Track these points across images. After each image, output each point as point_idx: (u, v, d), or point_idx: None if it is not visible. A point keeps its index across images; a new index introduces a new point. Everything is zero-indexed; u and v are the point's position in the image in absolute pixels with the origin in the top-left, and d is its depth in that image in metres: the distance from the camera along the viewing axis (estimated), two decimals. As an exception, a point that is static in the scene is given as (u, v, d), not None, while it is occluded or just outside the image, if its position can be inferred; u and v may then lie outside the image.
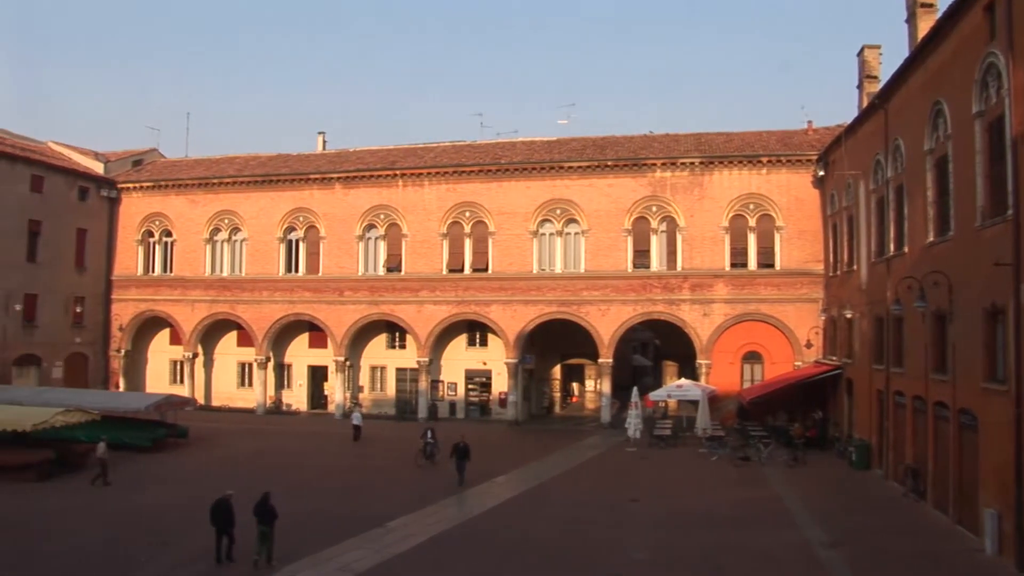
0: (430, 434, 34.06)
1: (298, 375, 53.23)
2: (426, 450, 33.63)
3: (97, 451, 29.79)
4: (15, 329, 47.97)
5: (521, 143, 51.29)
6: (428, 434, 34.12)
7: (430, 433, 34.14)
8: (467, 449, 29.97)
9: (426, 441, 33.88)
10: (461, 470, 29.62)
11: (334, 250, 49.88)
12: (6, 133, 53.56)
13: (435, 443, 33.66)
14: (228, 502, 19.84)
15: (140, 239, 54.26)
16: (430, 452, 33.50)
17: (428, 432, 34.22)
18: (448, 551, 21.54)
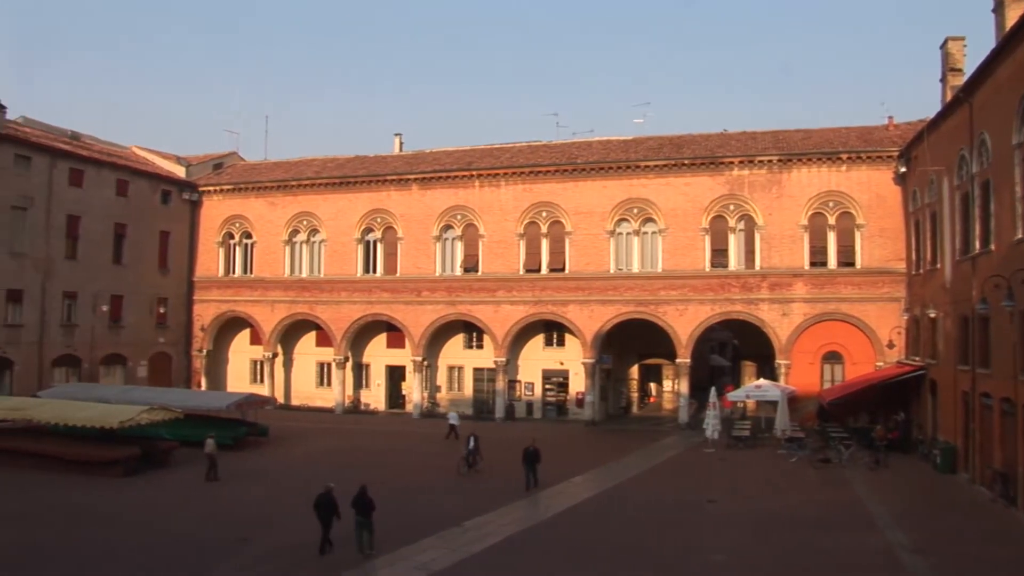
0: (472, 442, 33.26)
1: (376, 375, 55.81)
2: (468, 458, 33.01)
3: (206, 447, 31.84)
4: (102, 329, 51.36)
5: (597, 142, 53.00)
6: (470, 441, 33.35)
7: (472, 441, 33.30)
8: (537, 453, 30.10)
9: (468, 449, 33.21)
10: (531, 474, 29.85)
11: (411, 251, 52.18)
12: (92, 139, 57.26)
13: (477, 451, 33.06)
14: (331, 495, 21.48)
15: (221, 241, 57.32)
16: (472, 460, 32.95)
17: (470, 439, 33.43)
18: (523, 552, 22.25)
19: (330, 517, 21.32)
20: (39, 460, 32.76)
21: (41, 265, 47.15)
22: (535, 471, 29.95)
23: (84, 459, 32.13)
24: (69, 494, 28.44)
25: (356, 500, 21.31)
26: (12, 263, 45.52)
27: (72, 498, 27.90)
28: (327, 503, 21.36)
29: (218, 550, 21.58)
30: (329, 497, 21.45)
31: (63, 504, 26.97)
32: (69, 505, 26.88)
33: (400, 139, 60.44)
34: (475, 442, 33.22)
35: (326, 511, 21.32)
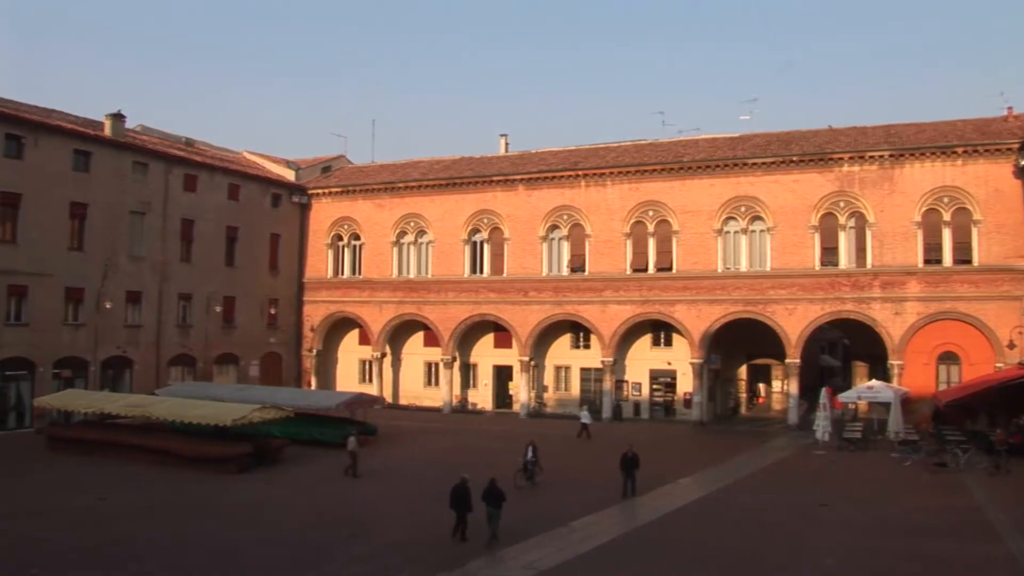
0: (531, 451, 32.15)
1: (483, 375, 59.18)
2: (526, 469, 31.90)
3: (348, 445, 34.20)
4: (216, 329, 56.12)
5: (703, 140, 55.23)
6: (529, 451, 32.19)
7: (531, 450, 32.17)
8: (636, 459, 29.84)
9: (526, 460, 32.03)
10: (630, 482, 29.73)
11: (518, 251, 55.30)
12: (205, 145, 62.16)
13: (536, 461, 32.02)
14: (466, 486, 23.48)
15: (330, 243, 61.54)
16: (531, 472, 31.86)
17: (529, 449, 32.23)
18: (630, 553, 22.84)
19: (464, 506, 23.47)
20: (158, 455, 35.54)
21: (158, 268, 52.02)
22: (633, 478, 29.81)
23: (199, 455, 34.59)
24: (186, 489, 30.80)
25: (486, 492, 23.44)
26: (131, 266, 50.38)
27: (189, 492, 30.19)
28: (463, 494, 23.50)
29: (329, 545, 23.05)
30: (464, 488, 23.60)
31: (181, 498, 29.26)
32: (187, 499, 29.12)
33: (506, 140, 63.70)
34: (534, 451, 32.21)
35: (461, 501, 23.48)
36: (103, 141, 49.25)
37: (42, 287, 45.02)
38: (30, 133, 44.63)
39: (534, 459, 31.94)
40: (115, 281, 49.07)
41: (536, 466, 31.93)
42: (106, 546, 22.47)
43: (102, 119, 51.02)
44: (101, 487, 30.57)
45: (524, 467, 31.72)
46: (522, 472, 31.53)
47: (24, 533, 23.64)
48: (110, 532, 24.08)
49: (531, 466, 31.79)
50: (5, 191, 43.30)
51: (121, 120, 51.02)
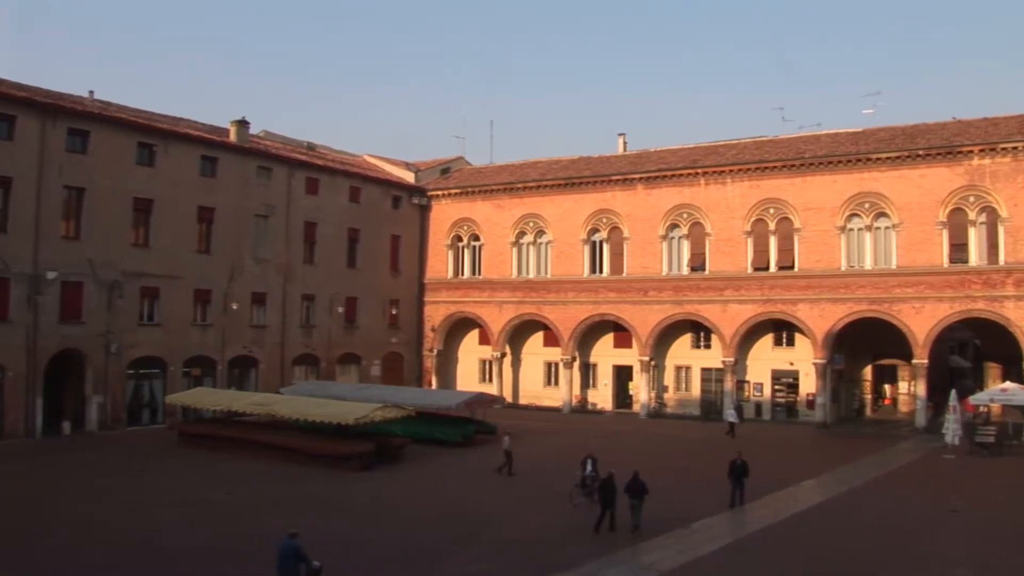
0: (590, 465, 30.25)
1: (603, 374, 62.10)
2: (584, 485, 29.77)
3: (503, 443, 36.14)
4: (338, 330, 60.49)
5: (825, 136, 56.76)
6: (588, 465, 30.28)
7: (590, 464, 30.29)
8: (745, 466, 29.40)
9: (585, 474, 30.04)
10: (738, 491, 29.31)
11: (637, 250, 57.98)
12: (327, 148, 66.80)
13: (596, 475, 29.40)
14: (613, 480, 25.69)
15: (450, 243, 65.52)
16: (590, 488, 29.27)
17: (588, 461, 30.39)
18: (752, 555, 23.46)
19: (611, 499, 25.57)
20: (283, 452, 37.70)
21: (282, 269, 56.56)
22: (742, 487, 29.38)
23: (323, 453, 36.62)
24: (310, 485, 32.62)
25: (630, 485, 25.67)
26: (256, 268, 54.98)
27: (313, 489, 31.89)
28: (610, 487, 25.68)
29: (451, 542, 24.19)
30: (612, 482, 25.78)
31: (305, 494, 30.92)
32: (310, 495, 30.74)
33: (624, 139, 66.30)
34: (593, 465, 30.22)
35: (607, 495, 25.67)
36: (229, 147, 54.01)
37: (172, 289, 49.76)
38: (161, 141, 49.43)
39: (594, 473, 29.71)
40: (241, 283, 53.71)
41: (596, 481, 28.84)
42: (235, 539, 24.46)
43: (227, 126, 55.99)
44: (229, 482, 33.00)
45: (582, 482, 29.84)
46: (579, 488, 29.75)
47: (163, 524, 26.09)
48: (237, 526, 26.19)
49: (590, 481, 29.50)
50: (138, 197, 48.07)
51: (245, 126, 55.90)
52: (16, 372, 42.64)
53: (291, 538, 17.96)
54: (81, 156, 45.19)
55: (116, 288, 46.66)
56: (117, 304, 46.75)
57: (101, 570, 21.50)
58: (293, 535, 18.01)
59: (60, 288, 44.26)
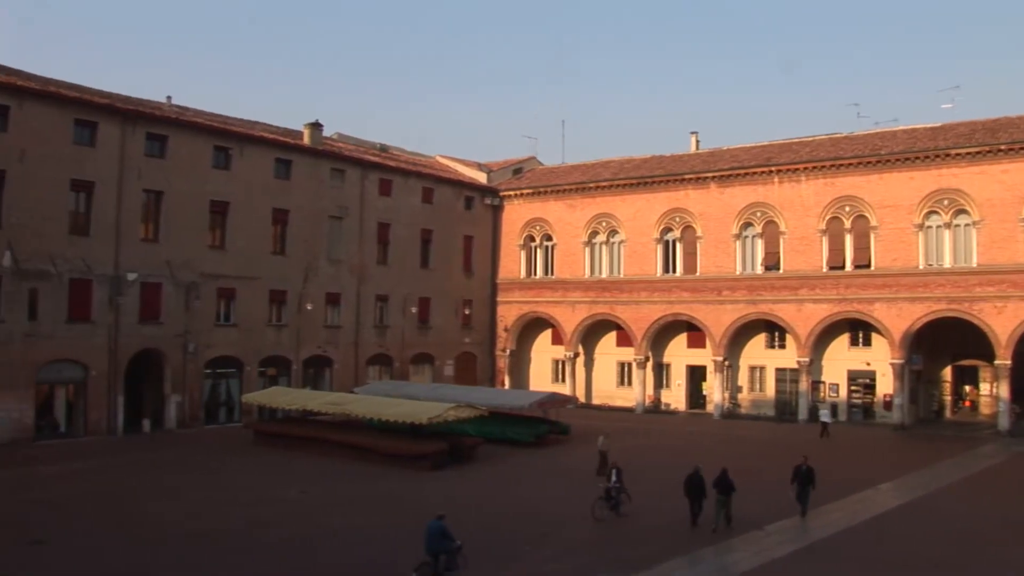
0: (615, 475, 28.20)
1: (676, 375, 61.96)
2: (609, 497, 27.88)
3: (598, 443, 35.74)
4: (411, 330, 61.36)
5: (902, 131, 55.81)
6: (613, 475, 28.26)
7: (615, 474, 28.25)
8: (811, 473, 27.86)
9: (610, 485, 28.09)
10: (803, 499, 27.84)
11: (711, 249, 57.79)
12: (399, 150, 67.81)
13: (622, 487, 28.04)
14: (700, 475, 26.21)
15: (522, 244, 65.92)
16: (616, 500, 27.87)
17: (613, 472, 28.40)
18: (828, 559, 23.25)
19: (699, 495, 26.21)
20: (356, 451, 38.22)
21: (356, 270, 57.56)
22: (807, 495, 27.88)
23: (396, 452, 36.98)
24: (383, 484, 33.15)
25: (717, 481, 26.01)
26: (331, 268, 56.01)
27: (386, 488, 32.43)
28: (697, 482, 26.29)
29: (524, 542, 24.48)
30: (699, 477, 26.33)
31: (378, 493, 31.56)
32: (383, 494, 31.33)
33: (696, 137, 66.03)
34: (618, 475, 28.20)
35: (696, 489, 26.23)
36: (302, 149, 55.13)
37: (248, 290, 51.00)
38: (236, 144, 50.72)
39: (619, 484, 27.89)
40: (315, 283, 54.79)
41: (622, 493, 27.90)
42: (309, 537, 24.83)
43: (301, 128, 57.15)
44: (304, 480, 33.64)
45: (607, 494, 27.83)
46: (603, 500, 27.76)
47: (239, 521, 26.73)
48: (311, 523, 26.61)
49: (616, 493, 27.82)
50: (214, 200, 49.36)
51: (319, 129, 56.97)
52: (99, 371, 44.15)
53: (438, 520, 20.44)
54: (159, 160, 46.58)
55: (193, 289, 47.97)
56: (194, 305, 48.05)
57: (177, 566, 22.15)
58: (440, 517, 20.51)
59: (140, 289, 45.71)
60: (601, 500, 27.57)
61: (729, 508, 26.05)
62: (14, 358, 40.80)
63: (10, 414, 40.77)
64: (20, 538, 24.02)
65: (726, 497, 25.91)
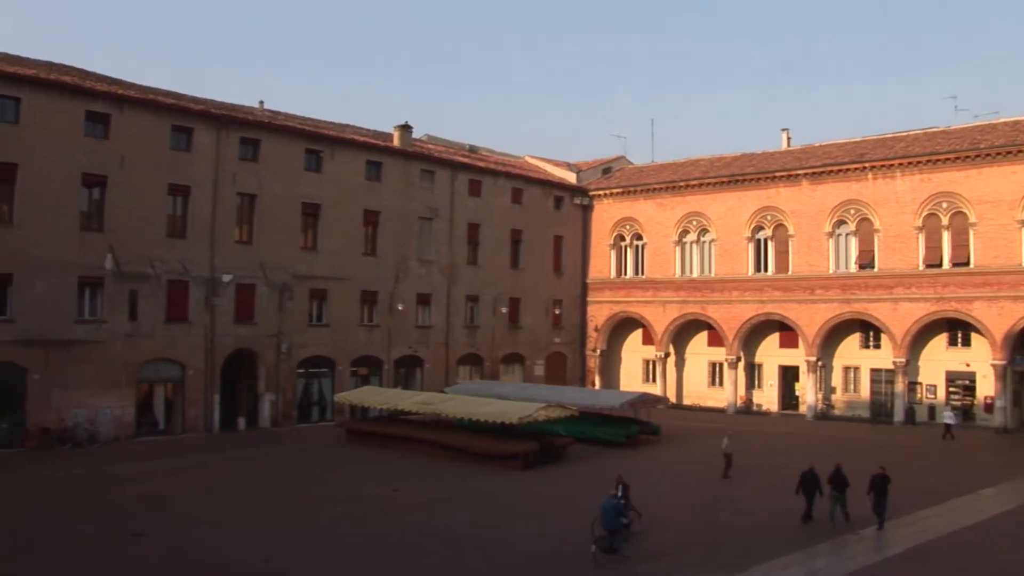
0: (621, 491, 25.11)
1: (768, 375, 61.11)
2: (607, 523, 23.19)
3: (722, 445, 35.19)
4: (502, 330, 61.72)
5: (1003, 124, 54.05)
6: (618, 491, 25.07)
7: (621, 490, 25.23)
8: (886, 481, 26.32)
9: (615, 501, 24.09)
10: (880, 510, 26.16)
11: (803, 248, 56.90)
12: (488, 151, 68.32)
13: (628, 504, 24.74)
14: (815, 472, 26.65)
15: (612, 243, 65.81)
16: None
17: (618, 488, 25.30)
18: (925, 567, 22.63)
19: (813, 491, 26.54)
20: (447, 451, 38.73)
21: (446, 271, 58.14)
22: (884, 505, 26.25)
23: (486, 452, 37.21)
24: (473, 483, 33.46)
25: (832, 476, 26.53)
26: (421, 269, 56.67)
27: (476, 487, 32.81)
28: (812, 478, 26.68)
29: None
30: (814, 473, 26.70)
31: (468, 492, 31.90)
32: (473, 493, 31.71)
33: (787, 134, 64.98)
34: (624, 492, 25.24)
35: (809, 486, 26.61)
36: (393, 151, 55.89)
37: (340, 290, 51.88)
38: (327, 147, 51.71)
39: (623, 500, 24.65)
40: (406, 284, 55.52)
41: (631, 510, 24.62)
42: (400, 534, 25.26)
43: (391, 131, 57.92)
44: (394, 479, 33.98)
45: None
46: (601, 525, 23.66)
47: (331, 518, 27.21)
48: (402, 521, 27.02)
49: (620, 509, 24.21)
50: (306, 202, 50.35)
51: (409, 131, 57.64)
52: (195, 370, 45.50)
53: (612, 498, 22.96)
54: (253, 164, 47.77)
55: (286, 290, 49.05)
56: (287, 305, 49.12)
57: (270, 560, 22.69)
58: (613, 495, 23.15)
59: (234, 290, 46.93)
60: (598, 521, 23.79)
61: (844, 504, 26.34)
62: (115, 357, 42.40)
63: (112, 411, 42.35)
64: (121, 530, 25.07)
65: (840, 493, 26.17)
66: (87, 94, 42.06)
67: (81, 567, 21.67)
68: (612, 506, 22.35)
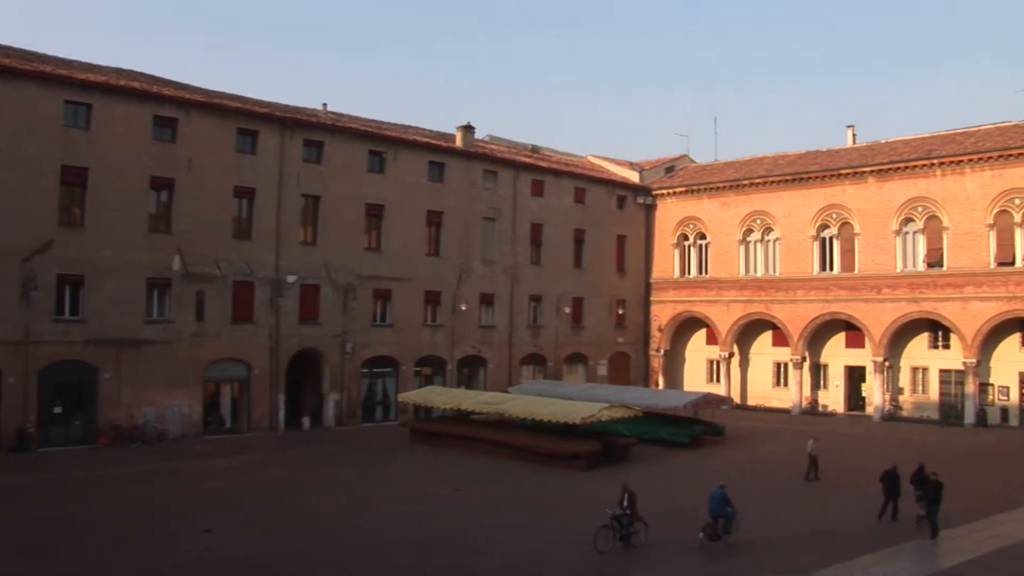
0: (627, 500, 23.74)
1: (834, 375, 60.19)
2: (620, 524, 23.34)
3: (808, 447, 34.54)
4: (565, 330, 61.66)
5: (1080, 118, 52.47)
6: (624, 500, 23.72)
7: (627, 498, 23.76)
8: (939, 488, 25.38)
9: (620, 512, 23.46)
10: (933, 517, 25.10)
11: (869, 246, 56.02)
12: (550, 151, 68.36)
13: (634, 515, 23.65)
14: (896, 472, 26.73)
15: (675, 242, 65.50)
16: (627, 529, 23.42)
17: (624, 498, 23.81)
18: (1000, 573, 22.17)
19: (893, 490, 26.63)
20: (510, 450, 38.72)
21: (509, 271, 58.24)
22: (936, 513, 25.19)
23: (549, 452, 37.19)
24: (536, 483, 33.43)
25: (915, 477, 26.50)
26: (484, 269, 56.86)
27: (539, 487, 32.75)
28: (894, 478, 26.77)
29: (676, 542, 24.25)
30: (895, 473, 26.79)
31: (530, 492, 31.83)
32: (536, 493, 31.64)
33: (853, 131, 64.02)
34: (631, 500, 23.68)
35: (893, 485, 26.71)
36: (455, 152, 56.20)
37: (404, 291, 52.28)
38: (390, 148, 52.11)
39: (629, 510, 23.52)
40: (469, 284, 55.77)
41: (638, 520, 23.64)
42: (464, 533, 25.40)
43: (453, 131, 58.15)
44: (458, 478, 34.23)
45: (616, 521, 23.30)
46: (610, 529, 23.22)
47: (394, 517, 27.35)
48: (465, 520, 27.15)
49: (625, 520, 23.36)
50: (370, 203, 50.80)
51: (471, 131, 57.87)
52: (261, 370, 46.20)
53: (720, 488, 23.83)
54: (316, 166, 48.34)
55: (350, 290, 49.54)
56: (351, 306, 49.61)
57: (335, 556, 23.04)
58: (721, 486, 23.93)
59: (299, 291, 47.54)
60: (606, 529, 23.10)
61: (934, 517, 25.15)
62: (183, 357, 43.26)
63: (180, 410, 43.26)
64: (191, 526, 25.64)
65: (932, 504, 25.39)
66: (155, 99, 42.99)
67: (153, 562, 22.07)
68: (719, 496, 23.54)
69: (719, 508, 23.52)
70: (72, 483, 32.48)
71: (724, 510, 23.56)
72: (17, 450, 37.52)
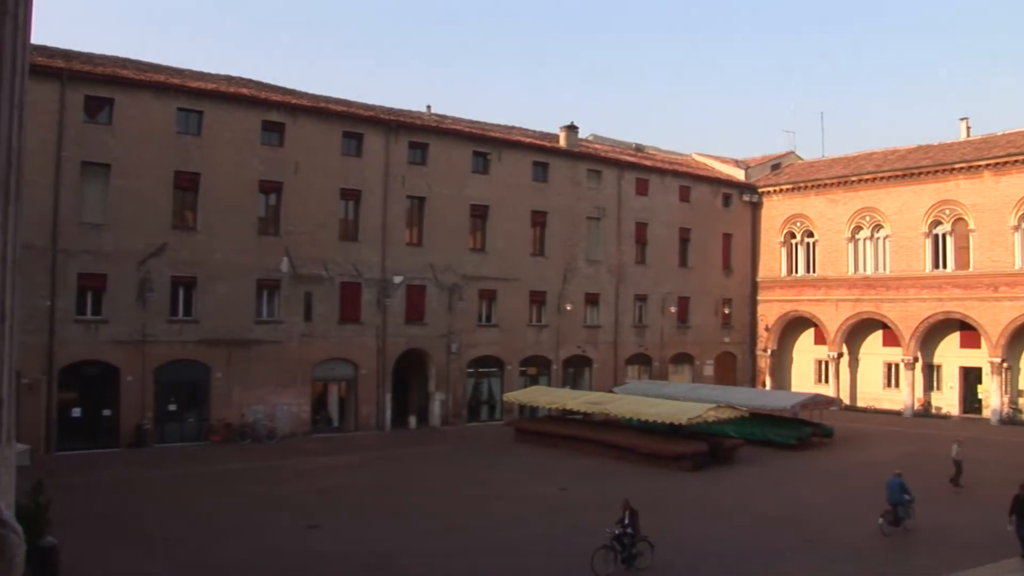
0: (627, 517, 21.79)
1: (948, 377, 58.26)
2: (622, 544, 21.46)
3: (952, 452, 32.94)
4: (670, 329, 61.03)
5: None
6: (625, 518, 21.79)
7: (627, 516, 21.81)
8: None
9: (621, 532, 21.62)
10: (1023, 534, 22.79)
11: (985, 243, 54.10)
12: (654, 149, 67.84)
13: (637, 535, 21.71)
14: None
15: (782, 240, 64.27)
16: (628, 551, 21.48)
17: (626, 515, 21.86)
18: None
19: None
20: (615, 451, 38.68)
21: (614, 270, 57.91)
22: None
23: (655, 452, 37.09)
24: (642, 483, 32.81)
25: None
26: (589, 269, 56.64)
27: (644, 487, 31.82)
28: None
29: (787, 547, 24.01)
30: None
31: (636, 492, 30.67)
32: (641, 494, 29.39)
33: (967, 123, 61.84)
34: (632, 518, 21.84)
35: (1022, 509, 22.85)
36: (559, 152, 56.14)
37: (509, 291, 52.47)
38: (494, 149, 52.34)
39: (631, 529, 21.71)
40: (574, 284, 55.63)
41: (641, 540, 21.74)
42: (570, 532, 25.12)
43: (557, 131, 58.14)
44: (563, 478, 34.24)
45: (617, 540, 21.45)
46: (610, 550, 21.29)
47: (500, 516, 27.73)
48: (570, 520, 26.92)
49: (628, 540, 21.52)
50: (475, 204, 51.17)
51: (575, 131, 57.74)
52: (368, 369, 46.87)
53: (897, 476, 25.35)
54: (421, 167, 48.80)
55: (456, 291, 49.91)
56: (457, 306, 49.98)
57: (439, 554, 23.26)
58: (898, 474, 25.44)
59: (405, 291, 48.11)
60: (606, 550, 21.14)
61: None
62: (292, 357, 44.17)
63: (290, 408, 44.18)
64: (299, 522, 26.33)
65: None
66: (263, 104, 44.04)
67: (263, 556, 22.69)
68: (897, 484, 24.98)
69: (896, 495, 24.88)
70: (187, 478, 33.47)
71: (902, 497, 24.86)
72: (136, 445, 38.94)
